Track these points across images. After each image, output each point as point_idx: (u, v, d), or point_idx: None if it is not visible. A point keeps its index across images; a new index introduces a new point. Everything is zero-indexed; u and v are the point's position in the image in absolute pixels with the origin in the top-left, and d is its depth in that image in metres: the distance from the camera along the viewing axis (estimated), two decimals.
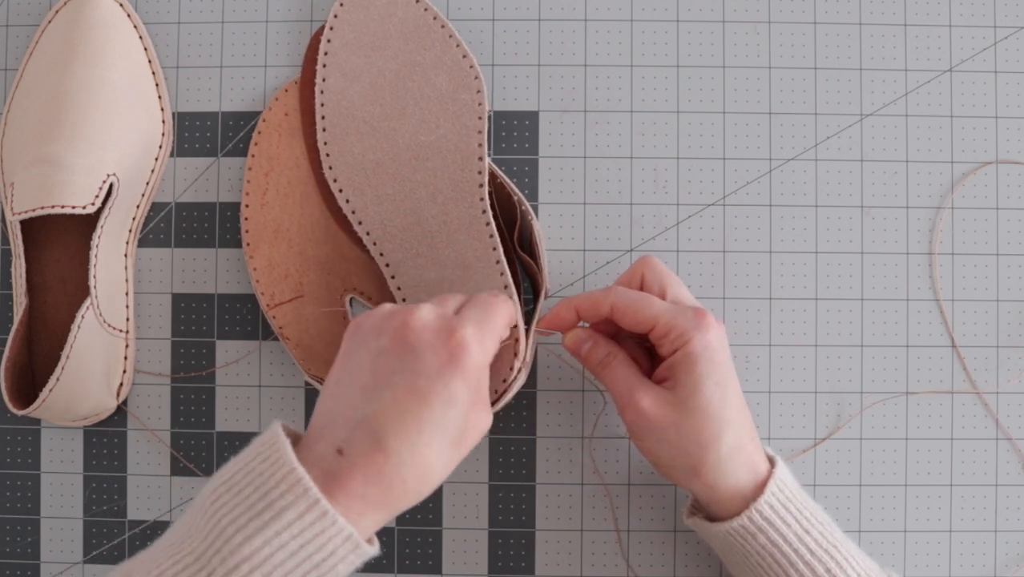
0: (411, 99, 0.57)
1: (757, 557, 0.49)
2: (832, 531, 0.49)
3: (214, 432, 0.60)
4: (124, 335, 0.59)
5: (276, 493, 0.41)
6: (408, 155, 0.57)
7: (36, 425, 0.60)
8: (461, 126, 0.57)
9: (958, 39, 0.60)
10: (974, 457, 0.59)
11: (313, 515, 0.41)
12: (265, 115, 0.59)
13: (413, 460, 0.42)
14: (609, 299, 0.50)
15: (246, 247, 0.58)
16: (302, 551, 0.41)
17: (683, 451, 0.49)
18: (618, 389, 0.50)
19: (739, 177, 0.60)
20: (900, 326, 0.59)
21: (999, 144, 0.59)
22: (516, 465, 0.59)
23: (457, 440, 0.44)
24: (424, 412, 0.43)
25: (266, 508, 0.41)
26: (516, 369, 0.52)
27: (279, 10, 0.60)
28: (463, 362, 0.43)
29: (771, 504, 0.49)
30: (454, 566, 0.59)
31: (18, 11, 0.61)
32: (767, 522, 0.48)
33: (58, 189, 0.54)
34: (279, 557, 0.41)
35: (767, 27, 0.60)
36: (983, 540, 0.58)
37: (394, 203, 0.57)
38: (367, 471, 0.42)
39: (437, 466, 0.43)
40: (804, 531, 0.49)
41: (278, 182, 0.59)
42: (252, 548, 0.41)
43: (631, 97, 0.60)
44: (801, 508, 0.49)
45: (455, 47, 0.58)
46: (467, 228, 0.55)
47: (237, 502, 0.42)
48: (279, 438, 0.43)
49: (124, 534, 0.59)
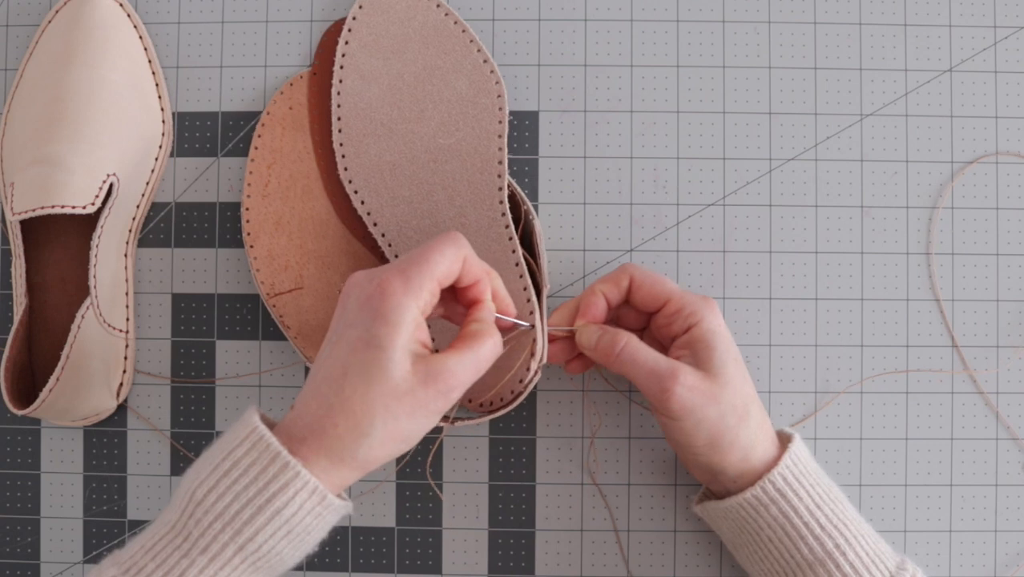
0: (430, 102, 0.57)
1: (768, 531, 0.49)
2: (845, 509, 0.50)
3: (214, 432, 0.60)
4: (124, 335, 0.59)
5: (240, 451, 0.44)
6: (426, 157, 0.57)
7: (36, 425, 0.60)
8: (481, 130, 0.57)
9: (958, 39, 0.60)
10: (974, 457, 0.59)
11: (275, 467, 0.43)
12: (269, 108, 0.59)
13: (341, 405, 0.44)
14: (627, 272, 0.52)
15: (246, 236, 0.59)
16: (269, 506, 0.43)
17: (724, 425, 0.49)
18: (648, 374, 0.49)
19: (739, 177, 0.60)
20: (900, 326, 0.59)
21: (999, 144, 0.59)
22: (516, 465, 0.59)
23: (389, 384, 0.44)
24: (349, 356, 0.44)
25: (232, 466, 0.44)
26: (534, 370, 0.53)
27: (279, 10, 0.60)
28: (381, 304, 0.44)
29: (784, 476, 0.49)
30: (454, 566, 0.59)
31: (18, 11, 0.61)
32: (779, 493, 0.49)
33: (58, 189, 0.54)
34: (247, 513, 0.43)
35: (767, 27, 0.60)
36: (983, 540, 0.58)
37: (411, 205, 0.57)
38: (308, 421, 0.44)
39: (364, 411, 0.44)
40: (816, 505, 0.49)
41: (280, 175, 0.59)
42: (217, 500, 0.43)
43: (631, 97, 0.60)
44: (815, 483, 0.50)
45: (476, 52, 0.58)
46: (486, 230, 0.56)
47: (205, 466, 0.45)
48: (249, 411, 0.46)
49: (124, 534, 0.59)
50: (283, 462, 0.43)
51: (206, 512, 0.44)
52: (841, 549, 0.49)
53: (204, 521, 0.43)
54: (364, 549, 0.59)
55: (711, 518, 0.54)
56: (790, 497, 0.49)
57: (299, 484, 0.43)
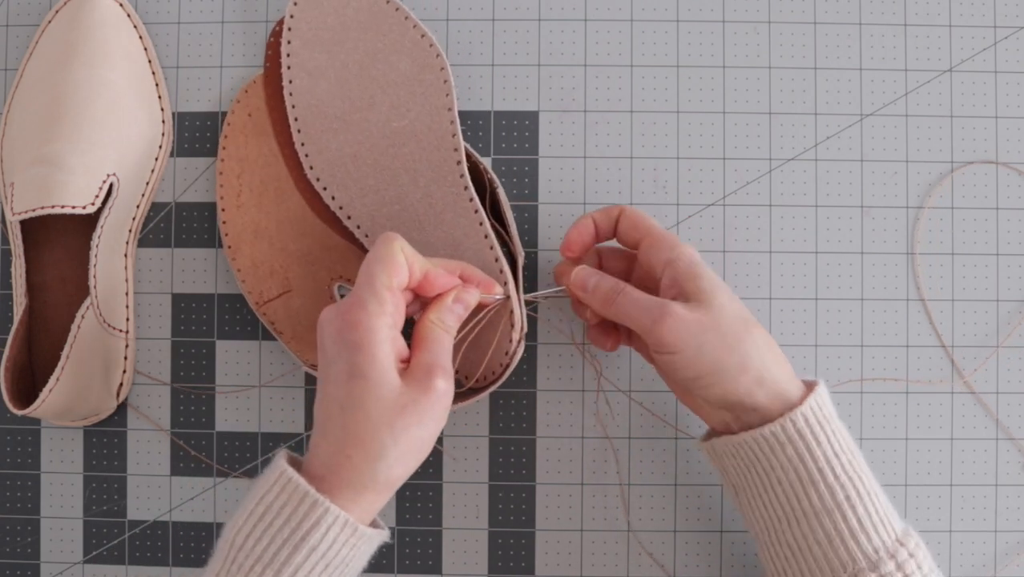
0: (377, 88, 0.57)
1: (780, 472, 0.48)
2: (861, 463, 0.49)
3: (214, 432, 0.60)
4: (124, 335, 0.59)
5: (271, 496, 0.46)
6: (384, 143, 0.57)
7: (36, 425, 0.60)
8: (431, 107, 0.57)
9: (958, 39, 0.60)
10: (974, 457, 0.59)
11: (305, 506, 0.45)
12: (229, 119, 0.59)
13: (348, 439, 0.46)
14: (619, 207, 0.54)
15: (227, 249, 0.59)
16: (304, 544, 0.45)
17: (727, 347, 0.48)
18: (640, 312, 0.49)
19: (739, 177, 0.60)
20: (900, 326, 0.59)
21: (999, 144, 0.59)
22: (516, 465, 0.59)
23: (384, 404, 0.45)
24: (339, 392, 0.46)
25: (266, 511, 0.46)
26: (516, 340, 0.53)
27: (279, 10, 0.60)
28: (352, 335, 0.46)
29: (806, 417, 0.48)
30: (454, 566, 0.59)
31: (18, 11, 0.61)
32: (799, 434, 0.48)
33: (58, 189, 0.54)
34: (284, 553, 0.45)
35: (767, 27, 0.60)
36: (983, 540, 0.58)
37: (378, 193, 0.57)
38: (324, 460, 0.46)
39: (371, 437, 0.45)
40: (834, 453, 0.48)
41: (251, 182, 0.59)
42: (255, 544, 0.45)
43: (631, 97, 0.60)
44: (836, 430, 0.49)
45: (412, 28, 0.57)
46: (452, 207, 0.56)
47: (241, 514, 0.47)
48: (279, 456, 0.47)
49: (124, 534, 0.59)
50: (312, 500, 0.45)
51: (247, 556, 0.45)
52: (851, 501, 0.47)
53: (246, 565, 0.45)
54: None
55: (718, 456, 0.51)
56: (808, 440, 0.48)
57: (330, 519, 0.45)
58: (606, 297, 0.51)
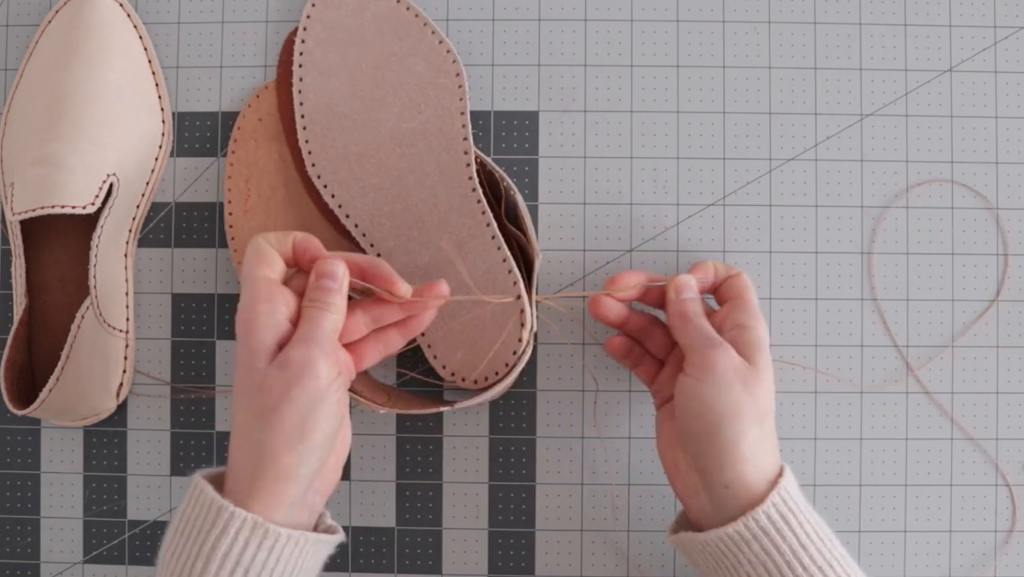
0: (390, 89, 0.57)
1: (749, 567, 0.48)
2: (831, 548, 0.48)
3: (214, 432, 0.60)
4: (124, 335, 0.59)
5: (189, 510, 0.46)
6: (392, 143, 0.57)
7: (36, 425, 0.60)
8: (443, 109, 0.57)
9: (958, 39, 0.60)
10: (974, 457, 0.59)
11: (212, 513, 0.45)
12: (239, 123, 0.59)
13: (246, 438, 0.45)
14: (739, 270, 0.54)
15: (233, 254, 0.59)
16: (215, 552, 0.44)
17: (739, 413, 0.48)
18: (705, 335, 0.50)
19: (739, 177, 0.60)
20: (900, 326, 0.59)
21: (999, 144, 0.59)
22: (516, 465, 0.59)
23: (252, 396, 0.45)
24: (237, 393, 0.46)
25: (184, 524, 0.46)
26: (526, 340, 0.53)
27: (279, 10, 0.60)
28: (243, 331, 0.46)
29: (768, 514, 0.48)
30: (454, 566, 0.59)
31: (18, 11, 0.61)
32: (763, 531, 0.48)
33: (58, 189, 0.54)
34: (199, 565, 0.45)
35: (767, 27, 0.60)
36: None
37: (380, 192, 0.57)
38: (236, 469, 0.46)
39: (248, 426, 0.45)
40: (800, 545, 0.48)
41: (259, 188, 0.59)
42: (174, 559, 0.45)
43: (631, 97, 0.60)
44: (803, 521, 0.48)
45: (430, 34, 0.58)
46: (458, 208, 0.56)
47: (167, 533, 0.47)
48: (196, 475, 0.47)
49: (124, 534, 0.59)
50: (218, 506, 0.44)
51: (171, 573, 0.45)
52: None
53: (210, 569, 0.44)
54: (364, 549, 0.59)
55: (687, 550, 0.51)
56: (773, 535, 0.48)
57: (237, 523, 0.44)
58: (689, 309, 0.52)
